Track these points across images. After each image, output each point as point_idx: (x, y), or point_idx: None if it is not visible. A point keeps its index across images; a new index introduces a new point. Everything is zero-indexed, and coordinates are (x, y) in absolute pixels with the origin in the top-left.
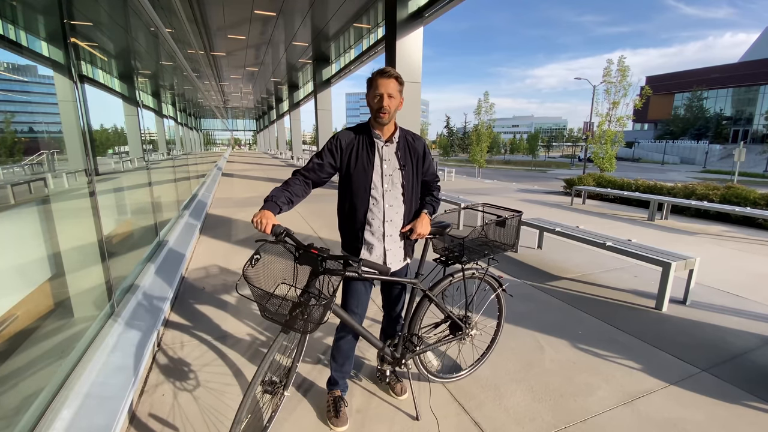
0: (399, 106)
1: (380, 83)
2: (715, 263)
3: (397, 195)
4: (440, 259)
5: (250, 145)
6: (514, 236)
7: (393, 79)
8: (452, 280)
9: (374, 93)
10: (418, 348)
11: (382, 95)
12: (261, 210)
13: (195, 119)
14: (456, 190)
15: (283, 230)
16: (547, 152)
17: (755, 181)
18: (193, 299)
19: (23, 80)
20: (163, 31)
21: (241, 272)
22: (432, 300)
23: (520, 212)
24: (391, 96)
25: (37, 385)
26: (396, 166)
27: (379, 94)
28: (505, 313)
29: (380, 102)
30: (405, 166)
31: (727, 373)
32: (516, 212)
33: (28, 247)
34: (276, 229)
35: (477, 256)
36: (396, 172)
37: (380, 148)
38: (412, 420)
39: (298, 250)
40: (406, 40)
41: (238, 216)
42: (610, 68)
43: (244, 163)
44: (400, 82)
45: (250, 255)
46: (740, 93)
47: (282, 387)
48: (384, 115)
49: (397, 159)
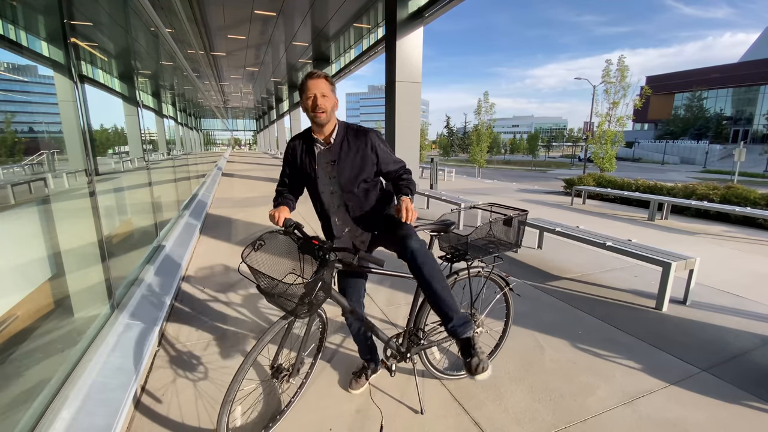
0: (335, 106)
1: (310, 85)
2: (715, 263)
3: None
4: (446, 257)
5: (250, 145)
6: (518, 235)
7: (322, 79)
8: (457, 277)
9: (306, 95)
10: (423, 343)
11: (315, 96)
12: (276, 206)
13: (195, 119)
14: (456, 190)
15: (293, 223)
16: (547, 152)
17: (755, 181)
18: (193, 299)
19: (23, 80)
20: (163, 31)
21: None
22: None
23: (526, 211)
24: (324, 95)
25: (37, 384)
26: (340, 167)
27: (311, 95)
28: (513, 312)
29: (315, 102)
30: (336, 161)
31: (727, 373)
32: (522, 211)
33: (28, 247)
34: (287, 221)
35: (482, 254)
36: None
37: (318, 152)
38: (414, 413)
39: (300, 240)
40: (406, 40)
41: (238, 216)
42: (610, 68)
43: (244, 163)
44: (330, 82)
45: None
46: (740, 93)
47: (288, 375)
48: (321, 115)
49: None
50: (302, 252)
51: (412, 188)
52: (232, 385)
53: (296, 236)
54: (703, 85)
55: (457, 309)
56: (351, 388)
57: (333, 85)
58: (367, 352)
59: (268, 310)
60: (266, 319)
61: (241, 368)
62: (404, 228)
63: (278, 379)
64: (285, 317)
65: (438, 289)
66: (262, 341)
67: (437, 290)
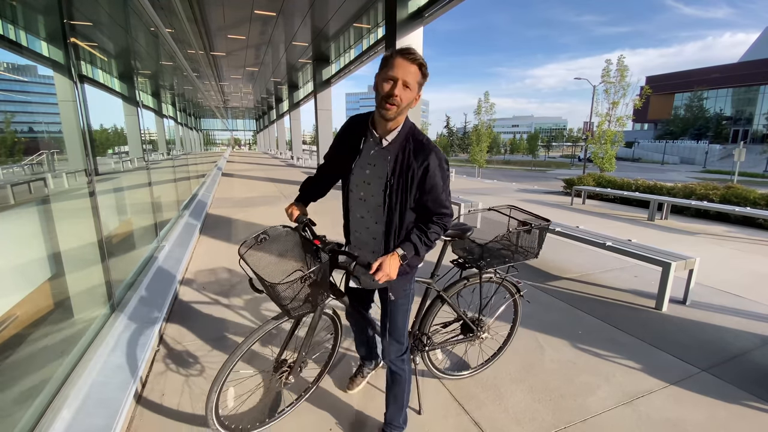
0: (413, 103)
1: (398, 64)
2: (715, 263)
3: (372, 208)
4: (457, 261)
5: (250, 145)
6: (537, 244)
7: (415, 66)
8: (467, 283)
9: (386, 76)
10: (427, 346)
11: (396, 80)
12: (294, 202)
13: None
14: (456, 190)
15: (305, 221)
16: (547, 152)
17: (755, 181)
18: (193, 299)
19: (23, 80)
20: (163, 31)
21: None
22: (445, 301)
23: (549, 221)
24: (407, 86)
25: (37, 384)
26: (379, 174)
27: (392, 78)
28: (520, 318)
29: (392, 88)
30: (393, 176)
31: (727, 373)
32: (545, 220)
33: (28, 247)
34: (299, 218)
35: (497, 261)
36: (377, 182)
37: (367, 145)
38: (414, 414)
39: (304, 237)
40: (406, 40)
41: (238, 216)
42: (609, 68)
43: (244, 163)
44: (424, 74)
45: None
46: (740, 93)
47: (288, 372)
48: (391, 108)
49: (386, 165)
50: (305, 250)
51: (420, 249)
52: (224, 365)
53: (302, 235)
54: (703, 85)
55: (399, 422)
56: (348, 388)
57: (425, 78)
58: (365, 349)
59: (268, 310)
60: (266, 318)
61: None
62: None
63: (277, 374)
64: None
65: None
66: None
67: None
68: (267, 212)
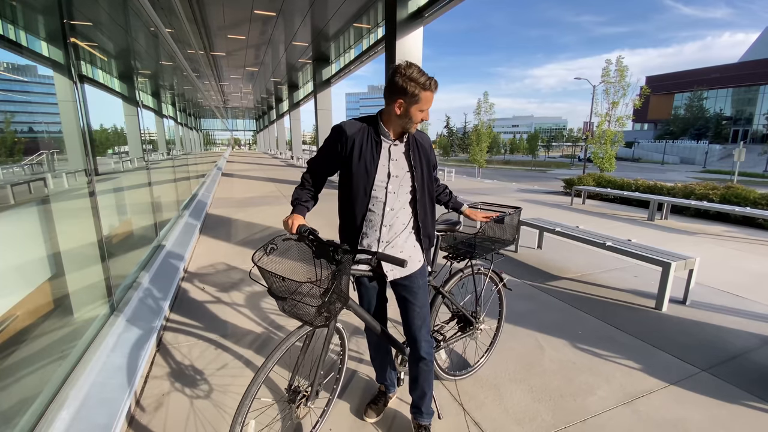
0: None
1: (430, 98)
2: (715, 263)
3: (401, 199)
4: (449, 256)
5: (250, 145)
6: (513, 232)
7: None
8: (462, 275)
9: (423, 107)
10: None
11: (427, 110)
12: (291, 214)
13: (195, 119)
14: (456, 190)
15: (308, 229)
16: (546, 152)
17: (755, 181)
18: (193, 299)
19: (23, 80)
20: (163, 31)
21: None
22: (444, 296)
23: (519, 208)
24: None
25: (36, 385)
26: (405, 168)
27: (426, 109)
28: (506, 307)
29: (424, 115)
30: (416, 168)
31: (727, 373)
32: (515, 208)
33: (28, 247)
34: (300, 228)
35: (485, 252)
36: (405, 175)
37: (388, 147)
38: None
39: (313, 243)
40: (406, 40)
41: (238, 216)
42: (609, 68)
43: (244, 163)
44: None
45: (250, 255)
46: (740, 93)
47: (306, 397)
48: (416, 125)
49: (406, 161)
50: (317, 257)
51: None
52: (243, 400)
53: (311, 241)
54: (702, 85)
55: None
56: (367, 416)
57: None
58: (384, 377)
59: (268, 310)
60: (266, 318)
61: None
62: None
63: (295, 403)
64: (301, 328)
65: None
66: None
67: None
68: (267, 212)
